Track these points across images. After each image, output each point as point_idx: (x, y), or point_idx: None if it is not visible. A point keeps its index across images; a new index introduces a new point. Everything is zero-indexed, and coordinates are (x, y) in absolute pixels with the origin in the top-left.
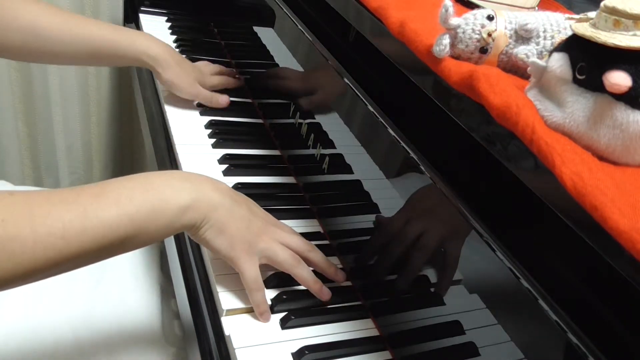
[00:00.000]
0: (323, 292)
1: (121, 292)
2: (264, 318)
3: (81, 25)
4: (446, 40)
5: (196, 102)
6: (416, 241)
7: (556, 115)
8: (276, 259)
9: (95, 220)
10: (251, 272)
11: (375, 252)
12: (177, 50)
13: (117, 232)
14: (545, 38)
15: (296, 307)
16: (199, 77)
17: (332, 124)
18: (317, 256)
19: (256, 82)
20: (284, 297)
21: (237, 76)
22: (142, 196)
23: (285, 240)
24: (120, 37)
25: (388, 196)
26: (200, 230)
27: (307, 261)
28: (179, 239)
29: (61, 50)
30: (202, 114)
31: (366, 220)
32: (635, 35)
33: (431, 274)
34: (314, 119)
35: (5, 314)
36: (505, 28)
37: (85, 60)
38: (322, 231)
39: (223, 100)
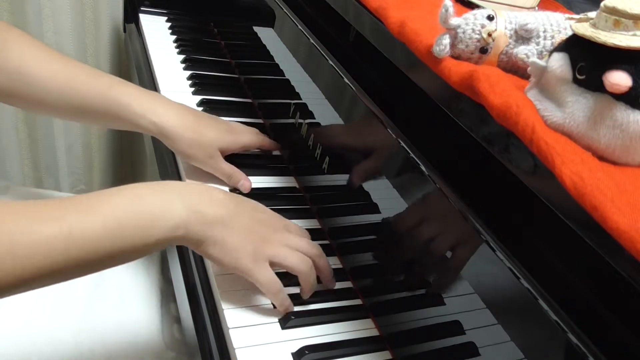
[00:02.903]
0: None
1: (121, 296)
2: (288, 310)
3: (73, 74)
4: (446, 40)
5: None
6: (415, 242)
7: (556, 115)
8: (285, 263)
9: (79, 237)
10: (266, 277)
11: (374, 252)
12: (177, 50)
13: (102, 248)
14: (545, 38)
15: (296, 307)
16: (225, 137)
17: (332, 123)
18: (324, 263)
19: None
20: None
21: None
22: (129, 212)
23: (294, 244)
24: (119, 94)
25: (388, 196)
26: (201, 247)
27: (314, 265)
28: None
29: (46, 99)
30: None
31: (366, 220)
32: (635, 35)
33: (432, 275)
34: (314, 119)
35: (4, 317)
36: (505, 28)
37: (76, 116)
38: (322, 231)
39: (244, 185)
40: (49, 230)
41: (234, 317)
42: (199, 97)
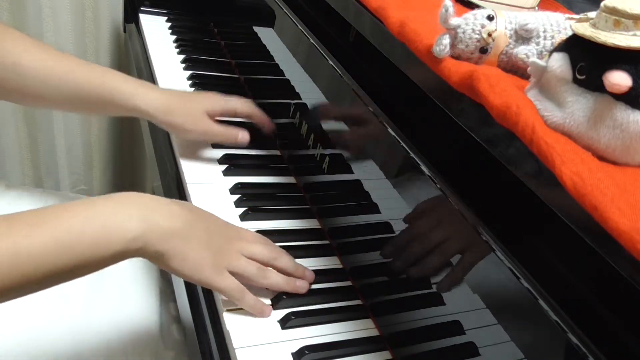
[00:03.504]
0: (299, 287)
1: (120, 296)
2: (265, 314)
3: (68, 66)
4: (446, 40)
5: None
6: (415, 242)
7: (556, 115)
8: (243, 275)
9: (25, 254)
10: (228, 284)
11: (374, 252)
12: (177, 50)
13: (52, 263)
14: (545, 38)
15: (296, 307)
16: (212, 103)
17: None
18: (284, 262)
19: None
20: (284, 296)
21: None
22: (82, 226)
23: (249, 251)
24: (112, 79)
25: (388, 196)
26: (161, 260)
27: (275, 268)
28: None
29: (44, 92)
30: None
31: (366, 220)
32: (635, 35)
33: (432, 275)
34: None
35: (4, 315)
36: (505, 28)
37: (73, 105)
38: (322, 231)
39: (242, 136)
40: None
41: (233, 317)
42: None
